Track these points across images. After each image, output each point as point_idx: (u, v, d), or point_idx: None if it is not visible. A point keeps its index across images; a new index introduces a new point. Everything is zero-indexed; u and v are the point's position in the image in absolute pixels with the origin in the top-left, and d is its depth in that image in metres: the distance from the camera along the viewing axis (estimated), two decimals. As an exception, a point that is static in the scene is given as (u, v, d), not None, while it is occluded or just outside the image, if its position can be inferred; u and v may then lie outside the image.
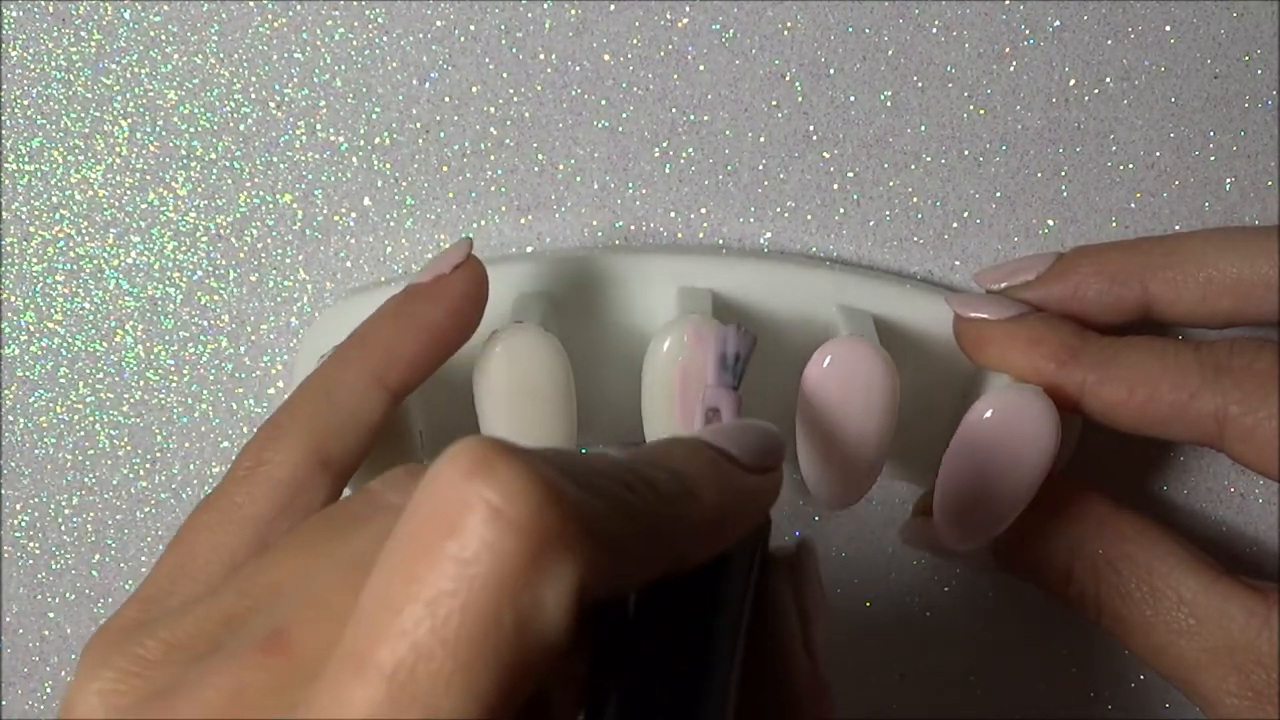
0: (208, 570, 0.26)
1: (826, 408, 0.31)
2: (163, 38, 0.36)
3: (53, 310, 0.38)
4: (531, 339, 0.31)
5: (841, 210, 0.38)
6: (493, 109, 0.37)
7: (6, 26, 0.36)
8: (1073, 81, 0.37)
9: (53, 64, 0.37)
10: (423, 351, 0.30)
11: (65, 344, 0.38)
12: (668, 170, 0.37)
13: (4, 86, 0.37)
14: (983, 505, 0.32)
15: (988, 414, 0.31)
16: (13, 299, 0.38)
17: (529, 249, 0.38)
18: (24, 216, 0.38)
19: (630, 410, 0.33)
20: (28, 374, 0.38)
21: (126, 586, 0.40)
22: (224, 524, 0.27)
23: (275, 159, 0.37)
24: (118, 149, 0.37)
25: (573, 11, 0.36)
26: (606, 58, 0.37)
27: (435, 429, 0.35)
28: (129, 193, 0.37)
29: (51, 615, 0.40)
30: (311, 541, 0.24)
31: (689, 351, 0.31)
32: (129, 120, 0.37)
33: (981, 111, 0.37)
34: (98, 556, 0.40)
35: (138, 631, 0.23)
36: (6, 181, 0.37)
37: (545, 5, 0.36)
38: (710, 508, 0.22)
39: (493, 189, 0.37)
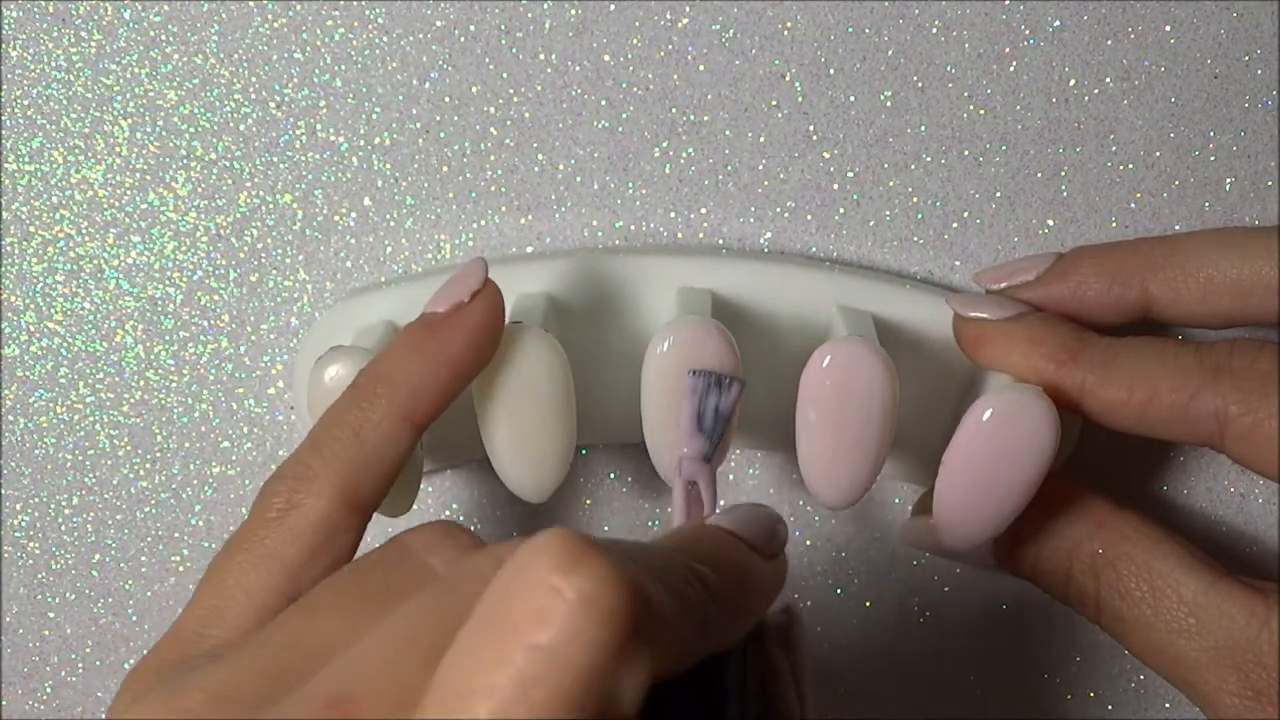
0: (239, 615, 0.27)
1: (826, 408, 0.31)
2: (163, 38, 0.36)
3: (53, 310, 0.38)
4: (531, 341, 0.31)
5: (841, 210, 0.38)
6: (493, 109, 0.37)
7: (6, 26, 0.36)
8: (1073, 81, 0.37)
9: (53, 64, 0.37)
10: (447, 386, 0.30)
11: (65, 344, 0.38)
12: (668, 170, 0.37)
13: (4, 86, 0.37)
14: (982, 505, 0.32)
15: (987, 414, 0.31)
16: (13, 299, 0.38)
17: (529, 249, 0.38)
18: (24, 216, 0.38)
19: (630, 410, 0.33)
20: (28, 374, 0.38)
21: (127, 586, 0.40)
22: (255, 567, 0.27)
23: (275, 159, 0.37)
24: (118, 149, 0.37)
25: (573, 11, 0.36)
26: (606, 58, 0.37)
27: (434, 431, 0.35)
28: (129, 193, 0.37)
29: (51, 615, 0.40)
30: (354, 599, 0.24)
31: (689, 351, 0.31)
32: (129, 120, 0.37)
33: (981, 111, 0.37)
34: (98, 556, 0.40)
35: (175, 678, 0.23)
36: (6, 181, 0.37)
37: (545, 5, 0.36)
38: (743, 597, 0.24)
39: (493, 189, 0.37)
